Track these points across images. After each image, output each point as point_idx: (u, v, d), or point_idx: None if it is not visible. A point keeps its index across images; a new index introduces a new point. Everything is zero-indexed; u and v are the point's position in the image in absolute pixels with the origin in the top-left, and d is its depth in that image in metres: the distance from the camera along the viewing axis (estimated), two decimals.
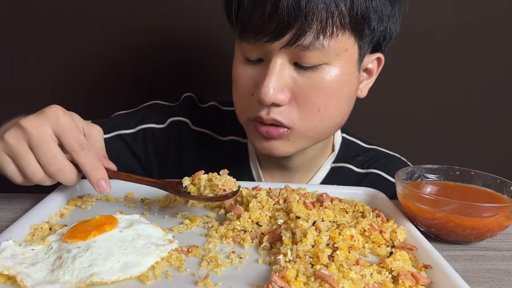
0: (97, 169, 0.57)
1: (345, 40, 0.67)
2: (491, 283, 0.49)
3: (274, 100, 0.67)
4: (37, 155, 0.55)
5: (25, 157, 0.55)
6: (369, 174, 0.89)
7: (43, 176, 0.56)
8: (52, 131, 0.56)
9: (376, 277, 0.45)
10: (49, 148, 0.55)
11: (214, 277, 0.45)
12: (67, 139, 0.56)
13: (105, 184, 0.57)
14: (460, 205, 0.54)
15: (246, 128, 0.78)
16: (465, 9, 1.17)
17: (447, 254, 0.55)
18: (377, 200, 0.67)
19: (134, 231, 0.51)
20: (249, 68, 0.72)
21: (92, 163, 0.57)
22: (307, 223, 0.53)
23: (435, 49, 1.21)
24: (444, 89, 1.24)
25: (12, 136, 0.55)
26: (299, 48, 0.65)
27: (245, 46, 0.70)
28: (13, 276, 0.43)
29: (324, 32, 0.64)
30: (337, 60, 0.68)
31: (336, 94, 0.71)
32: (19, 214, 0.58)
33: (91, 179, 0.57)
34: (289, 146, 0.74)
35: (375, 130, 1.25)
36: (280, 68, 0.67)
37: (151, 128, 0.92)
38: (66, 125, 0.56)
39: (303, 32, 0.63)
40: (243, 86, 0.73)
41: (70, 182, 0.58)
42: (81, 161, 0.56)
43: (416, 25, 1.18)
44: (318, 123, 0.72)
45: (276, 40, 0.65)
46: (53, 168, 0.55)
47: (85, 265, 0.44)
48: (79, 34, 1.16)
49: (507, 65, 1.22)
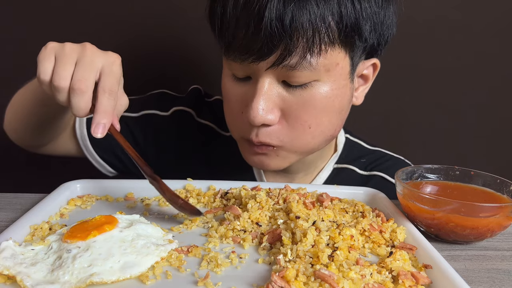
0: (107, 114, 0.56)
1: (335, 54, 0.65)
2: (491, 283, 0.49)
3: (264, 121, 0.66)
4: (76, 70, 0.55)
5: (66, 63, 0.55)
6: (372, 176, 0.88)
7: (66, 85, 0.55)
8: (102, 67, 0.57)
9: (376, 277, 0.45)
10: (89, 71, 0.55)
11: (214, 277, 0.45)
12: (105, 81, 0.56)
13: (101, 130, 0.55)
14: (460, 205, 0.54)
15: (239, 143, 0.78)
16: (465, 9, 1.17)
17: (447, 254, 0.55)
18: (377, 200, 0.67)
19: (134, 231, 0.51)
20: (237, 86, 0.71)
21: (107, 107, 0.56)
22: (307, 223, 0.53)
23: (435, 50, 1.20)
24: (444, 89, 1.24)
25: (71, 46, 0.57)
26: (286, 68, 0.63)
27: (232, 64, 0.68)
28: (13, 276, 0.43)
29: (311, 50, 0.62)
30: (327, 75, 0.66)
31: (327, 109, 0.69)
32: (19, 214, 0.58)
33: (95, 117, 0.55)
34: (279, 161, 0.74)
35: (375, 130, 1.25)
36: (269, 88, 0.66)
37: (154, 114, 0.91)
38: (114, 71, 0.57)
39: (288, 52, 0.61)
40: (232, 104, 0.72)
41: (79, 109, 0.56)
42: (100, 100, 0.55)
43: (417, 25, 1.18)
44: (310, 140, 0.71)
45: (261, 60, 0.63)
46: (78, 85, 0.54)
47: (85, 265, 0.44)
48: (79, 33, 1.16)
49: (507, 65, 1.22)
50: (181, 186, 0.69)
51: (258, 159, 0.74)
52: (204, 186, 0.69)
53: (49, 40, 0.58)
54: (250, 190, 0.65)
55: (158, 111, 0.92)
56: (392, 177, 0.87)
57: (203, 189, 0.69)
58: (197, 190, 0.68)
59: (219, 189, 0.68)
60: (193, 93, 0.97)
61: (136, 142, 0.91)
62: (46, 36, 1.14)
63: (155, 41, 1.18)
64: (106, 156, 0.90)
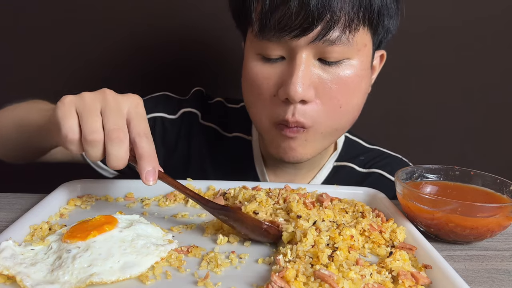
0: (152, 158, 0.53)
1: (364, 35, 0.68)
2: (491, 283, 0.49)
3: (304, 97, 0.67)
4: (105, 120, 0.53)
5: (93, 114, 0.52)
6: (371, 173, 0.89)
7: (101, 138, 0.52)
8: (128, 111, 0.55)
9: (376, 277, 0.45)
10: (119, 118, 0.53)
11: (214, 277, 0.45)
12: (139, 125, 0.54)
13: (153, 176, 0.53)
14: (459, 205, 0.54)
15: (269, 134, 0.76)
16: (466, 8, 1.17)
17: (446, 254, 0.55)
18: (377, 200, 0.67)
19: (133, 231, 0.51)
20: (268, 68, 0.70)
21: (150, 150, 0.54)
22: (307, 223, 0.53)
23: (435, 49, 1.21)
24: (444, 89, 1.24)
25: (91, 96, 0.54)
26: (326, 43, 0.65)
27: (264, 44, 0.68)
28: (13, 276, 0.43)
29: (350, 26, 0.65)
30: (357, 55, 0.69)
31: (357, 89, 0.71)
32: (19, 214, 0.58)
33: (142, 164, 0.53)
34: (306, 149, 0.74)
35: (375, 130, 1.25)
36: (306, 64, 0.67)
37: (162, 117, 0.91)
38: (142, 113, 0.56)
39: (331, 26, 0.64)
40: (263, 87, 0.71)
41: (120, 159, 0.53)
42: (141, 145, 0.53)
43: (417, 24, 1.18)
44: (339, 120, 0.73)
45: (303, 36, 0.64)
46: (116, 134, 0.52)
47: (84, 265, 0.44)
48: (79, 33, 1.16)
49: (507, 65, 1.22)
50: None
51: (285, 146, 0.74)
52: (204, 186, 0.69)
53: (44, 40, 0.57)
54: (250, 190, 0.65)
55: (165, 114, 0.92)
56: (390, 175, 0.88)
57: (203, 189, 0.69)
58: (197, 190, 0.68)
59: (219, 189, 0.68)
60: (197, 94, 0.97)
61: None
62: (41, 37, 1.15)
63: (153, 41, 1.18)
64: None
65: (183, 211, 0.62)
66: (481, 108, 1.26)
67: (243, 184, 0.68)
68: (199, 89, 0.97)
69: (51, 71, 1.18)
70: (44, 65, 1.17)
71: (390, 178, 0.88)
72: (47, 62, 1.17)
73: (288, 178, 0.87)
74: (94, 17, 1.15)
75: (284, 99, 0.69)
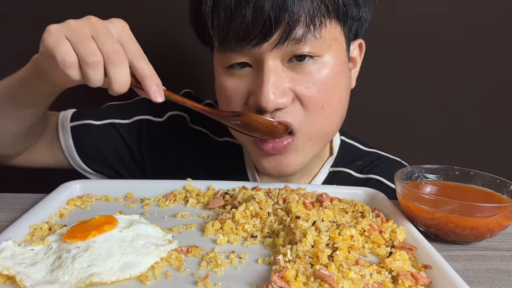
0: (154, 76, 0.54)
1: (332, 29, 0.67)
2: (491, 283, 0.49)
3: (277, 106, 0.64)
4: (100, 44, 0.52)
5: (86, 38, 0.51)
6: (369, 179, 0.87)
7: (101, 59, 0.51)
8: (117, 35, 0.54)
9: (376, 277, 0.45)
10: (113, 42, 0.52)
11: (213, 277, 0.45)
12: (132, 47, 0.54)
13: (160, 92, 0.53)
14: (459, 205, 0.54)
15: (249, 149, 0.74)
16: (465, 9, 1.17)
17: (446, 254, 0.55)
18: (377, 200, 0.67)
19: (133, 231, 0.51)
20: (237, 79, 0.69)
21: (150, 70, 0.54)
22: (307, 223, 0.53)
23: (435, 50, 1.21)
24: (444, 89, 1.24)
25: (77, 22, 0.53)
26: (291, 43, 0.63)
27: (227, 56, 0.67)
28: (13, 276, 0.43)
29: (314, 22, 0.63)
30: (328, 51, 0.67)
31: (336, 86, 0.69)
32: (18, 214, 0.58)
33: (149, 83, 0.53)
34: (298, 157, 0.71)
35: (375, 130, 1.25)
36: (275, 71, 0.65)
37: (148, 120, 0.89)
38: (130, 36, 0.55)
39: (292, 27, 0.62)
40: (232, 99, 0.69)
41: (122, 82, 0.53)
42: (140, 65, 0.53)
43: (416, 25, 1.18)
44: (325, 120, 0.70)
45: (264, 42, 0.62)
46: (116, 57, 0.51)
47: (84, 265, 0.44)
48: None
49: (507, 65, 1.22)
50: (181, 186, 0.69)
51: (275, 162, 0.71)
52: (203, 186, 0.69)
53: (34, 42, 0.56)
54: (250, 190, 0.65)
55: (152, 116, 0.90)
56: (388, 180, 0.86)
57: (203, 189, 0.69)
58: (196, 190, 0.68)
59: (219, 189, 0.68)
60: (185, 97, 0.95)
61: (130, 149, 0.88)
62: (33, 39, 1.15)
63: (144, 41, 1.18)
64: (96, 166, 0.88)
65: (183, 211, 0.62)
66: (481, 108, 1.26)
67: (243, 184, 0.68)
68: (187, 91, 0.95)
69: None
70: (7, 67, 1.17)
71: (388, 184, 0.85)
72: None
73: (282, 182, 0.86)
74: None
75: (255, 108, 0.66)
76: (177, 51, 1.19)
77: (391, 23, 1.17)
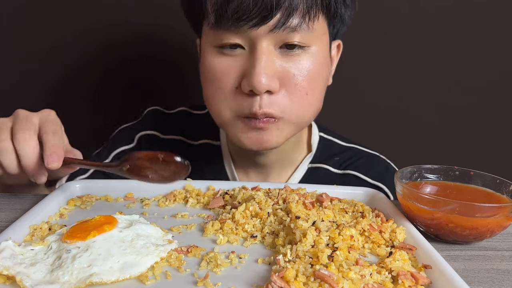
0: (57, 146, 0.56)
1: (322, 23, 0.69)
2: (491, 283, 0.49)
3: (269, 87, 0.66)
4: (13, 128, 0.56)
5: (3, 130, 0.56)
6: (346, 175, 0.88)
7: (9, 145, 0.56)
8: (39, 121, 0.58)
9: (376, 277, 0.45)
10: (25, 124, 0.56)
11: (213, 277, 0.45)
12: (46, 126, 0.57)
13: (56, 158, 0.56)
14: (459, 205, 0.54)
15: (231, 126, 0.74)
16: (465, 9, 1.17)
17: (446, 254, 0.55)
18: (377, 200, 0.67)
19: (133, 231, 0.51)
20: (228, 60, 0.69)
21: (55, 141, 0.57)
22: (306, 223, 0.53)
23: (434, 49, 1.21)
24: (444, 89, 1.24)
25: (2, 119, 0.58)
26: (286, 30, 0.65)
27: (221, 35, 0.67)
28: (13, 276, 0.43)
29: (310, 13, 0.65)
30: (317, 43, 0.70)
31: (319, 77, 0.72)
32: (18, 214, 0.58)
33: (46, 151, 0.56)
34: (277, 136, 0.73)
35: (375, 130, 1.25)
36: (268, 54, 0.66)
37: (123, 151, 0.91)
38: (52, 119, 0.59)
39: (290, 14, 0.64)
40: (224, 80, 0.69)
41: (27, 157, 0.56)
42: (46, 139, 0.56)
43: (415, 25, 1.18)
44: (308, 108, 0.73)
45: (262, 24, 0.64)
46: (20, 134, 0.55)
47: (84, 265, 0.44)
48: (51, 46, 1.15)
49: (507, 65, 1.22)
50: (181, 187, 0.69)
51: (256, 137, 0.72)
52: (203, 186, 0.69)
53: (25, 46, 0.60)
54: (249, 190, 0.65)
55: (125, 146, 0.92)
56: (366, 176, 0.88)
57: (203, 189, 0.69)
58: (196, 190, 0.68)
59: (219, 189, 0.68)
60: (151, 115, 0.96)
61: None
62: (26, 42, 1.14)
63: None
64: None
65: (183, 211, 0.62)
66: (481, 108, 1.26)
67: (243, 185, 0.68)
68: (151, 109, 0.97)
69: None
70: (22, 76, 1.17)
71: (365, 179, 0.87)
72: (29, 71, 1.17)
73: (260, 178, 0.87)
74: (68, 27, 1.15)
75: (248, 91, 0.67)
76: (177, 51, 1.19)
77: (394, 21, 1.17)
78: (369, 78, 1.21)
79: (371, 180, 0.87)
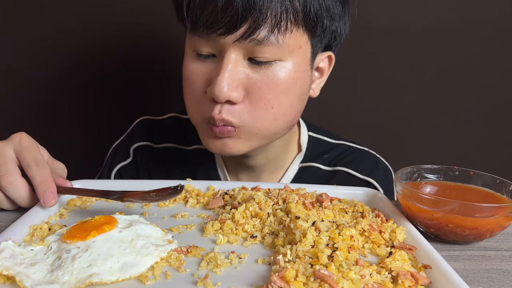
0: (47, 182, 0.57)
1: (298, 36, 0.68)
2: (491, 283, 0.49)
3: (229, 97, 0.67)
4: None
5: None
6: (336, 172, 0.89)
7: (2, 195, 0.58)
8: (14, 151, 0.58)
9: (376, 277, 0.45)
10: (5, 163, 0.57)
11: (213, 277, 0.45)
12: (24, 156, 0.58)
13: (51, 196, 0.57)
14: (459, 205, 0.54)
15: (200, 128, 0.77)
16: (465, 9, 1.17)
17: (446, 254, 0.55)
18: (377, 200, 0.67)
19: (133, 231, 0.51)
20: (201, 65, 0.71)
21: (43, 176, 0.57)
22: (306, 223, 0.53)
23: (434, 50, 1.21)
24: (444, 89, 1.24)
25: None
26: (253, 42, 0.65)
27: (196, 40, 0.69)
28: (12, 277, 0.43)
29: (279, 26, 0.64)
30: (290, 56, 0.69)
31: (289, 91, 0.71)
32: (18, 214, 0.58)
33: (38, 190, 0.57)
34: (240, 144, 0.73)
35: (375, 130, 1.25)
36: (234, 64, 0.67)
37: (122, 167, 0.92)
38: (26, 145, 0.59)
39: (257, 26, 0.63)
40: (195, 83, 0.72)
41: (22, 199, 0.58)
42: (32, 175, 0.57)
43: (415, 25, 1.18)
44: (273, 121, 0.72)
45: (229, 34, 0.64)
46: (5, 180, 0.56)
47: (84, 265, 0.44)
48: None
49: (507, 65, 1.22)
50: None
51: (219, 142, 0.73)
52: (203, 187, 0.69)
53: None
54: (249, 190, 0.65)
55: (123, 162, 0.93)
56: (356, 171, 0.88)
57: (203, 189, 0.69)
58: (196, 190, 0.68)
59: (219, 189, 0.68)
60: (142, 125, 0.97)
61: None
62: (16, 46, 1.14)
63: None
64: None
65: (183, 211, 0.62)
66: (481, 108, 1.26)
67: (243, 185, 0.68)
68: (140, 120, 0.98)
69: None
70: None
71: (355, 175, 0.88)
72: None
73: (251, 180, 0.87)
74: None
75: (211, 98, 0.68)
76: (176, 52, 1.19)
77: (392, 24, 1.17)
78: (369, 78, 1.21)
79: (361, 175, 0.88)
